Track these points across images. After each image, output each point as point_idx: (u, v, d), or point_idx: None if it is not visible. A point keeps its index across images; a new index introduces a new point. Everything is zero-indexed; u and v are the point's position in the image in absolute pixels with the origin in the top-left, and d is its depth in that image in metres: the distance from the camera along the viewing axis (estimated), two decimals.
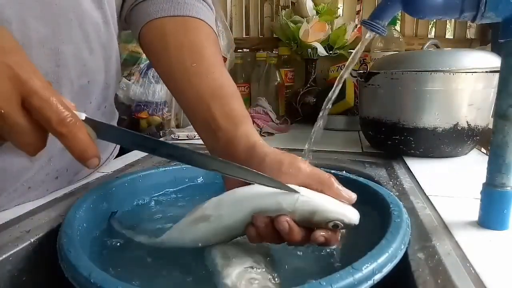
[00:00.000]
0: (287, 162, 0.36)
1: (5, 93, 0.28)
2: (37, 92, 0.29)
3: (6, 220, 0.42)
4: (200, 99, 0.44)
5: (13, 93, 0.28)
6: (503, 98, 0.37)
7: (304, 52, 1.16)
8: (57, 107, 0.29)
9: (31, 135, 0.30)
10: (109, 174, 0.60)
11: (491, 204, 0.40)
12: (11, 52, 0.29)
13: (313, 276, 0.35)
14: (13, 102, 0.28)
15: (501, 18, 0.36)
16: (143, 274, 0.37)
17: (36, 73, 0.29)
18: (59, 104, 0.30)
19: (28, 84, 0.29)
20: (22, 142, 0.30)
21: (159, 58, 0.50)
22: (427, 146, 0.68)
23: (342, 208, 0.35)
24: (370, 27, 0.38)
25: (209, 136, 0.44)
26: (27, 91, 0.29)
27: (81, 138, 0.31)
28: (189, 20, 0.50)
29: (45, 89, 0.29)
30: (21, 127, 0.29)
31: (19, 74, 0.28)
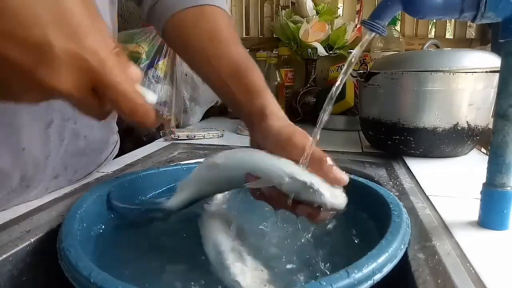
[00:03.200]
0: (284, 139, 0.39)
1: (77, 83, 0.26)
2: (111, 86, 0.27)
3: (6, 220, 0.42)
4: (221, 80, 0.49)
5: (86, 83, 0.27)
6: (503, 98, 0.37)
7: (304, 52, 1.16)
8: (130, 100, 0.28)
9: (100, 109, 0.29)
10: (109, 174, 0.60)
11: (491, 204, 0.40)
12: (86, 34, 0.26)
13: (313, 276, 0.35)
14: (83, 89, 0.27)
15: (501, 18, 0.36)
16: (143, 274, 0.37)
17: (109, 57, 0.27)
18: (132, 95, 0.28)
19: (103, 78, 0.27)
20: (91, 114, 0.29)
21: (183, 49, 0.54)
22: (427, 146, 0.68)
23: (328, 191, 0.35)
24: (370, 27, 0.38)
25: (236, 111, 0.50)
26: (102, 84, 0.27)
27: (150, 122, 0.30)
28: (205, 8, 0.53)
29: (119, 83, 0.27)
30: (90, 106, 0.28)
31: (94, 68, 0.26)
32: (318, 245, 0.41)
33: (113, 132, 0.65)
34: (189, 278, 0.36)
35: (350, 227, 0.45)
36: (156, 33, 1.06)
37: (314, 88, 1.16)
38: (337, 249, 0.40)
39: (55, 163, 0.50)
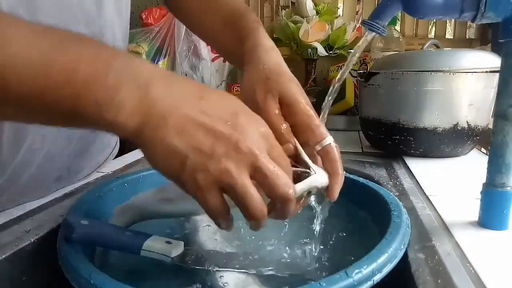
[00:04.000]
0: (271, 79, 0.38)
1: (234, 168, 0.28)
2: (262, 168, 0.29)
3: (6, 220, 0.42)
4: (217, 27, 0.49)
5: (244, 168, 0.28)
6: (503, 98, 0.37)
7: (304, 52, 1.16)
8: (283, 179, 0.29)
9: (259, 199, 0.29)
10: (109, 174, 0.60)
11: (491, 204, 0.39)
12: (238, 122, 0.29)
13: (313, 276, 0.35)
14: (244, 173, 0.29)
15: (501, 18, 0.36)
16: (143, 275, 0.37)
17: (258, 139, 0.29)
18: (282, 177, 0.29)
19: (258, 161, 0.29)
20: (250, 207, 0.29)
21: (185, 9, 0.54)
22: (427, 146, 0.68)
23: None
24: (370, 27, 0.38)
25: (233, 62, 0.50)
26: (254, 166, 0.29)
27: (291, 209, 0.31)
28: None
29: (269, 162, 0.29)
30: (252, 194, 0.29)
31: (243, 150, 0.28)
32: (318, 246, 0.41)
33: None
34: (186, 275, 0.36)
35: (349, 227, 0.45)
36: (156, 33, 1.05)
37: (314, 88, 1.16)
38: (337, 249, 0.40)
39: (60, 165, 0.50)
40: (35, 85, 0.25)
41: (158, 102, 0.27)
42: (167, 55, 1.07)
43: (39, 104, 0.26)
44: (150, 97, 0.27)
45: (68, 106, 0.26)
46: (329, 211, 0.46)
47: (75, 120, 0.28)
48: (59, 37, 0.27)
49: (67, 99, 0.26)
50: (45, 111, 0.27)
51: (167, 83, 0.28)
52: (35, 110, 0.27)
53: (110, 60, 0.27)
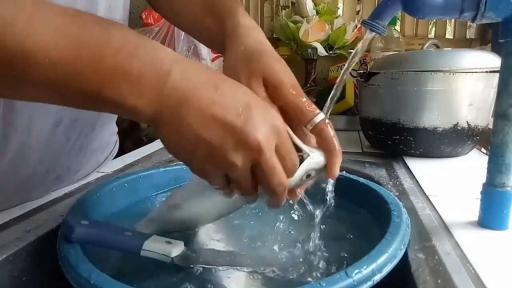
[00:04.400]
0: (254, 58, 0.37)
1: (240, 162, 0.30)
2: (262, 165, 0.30)
3: (6, 220, 0.42)
4: (197, 13, 0.47)
5: (249, 162, 0.30)
6: (503, 98, 0.37)
7: (304, 52, 1.16)
8: (278, 178, 0.31)
9: (252, 186, 0.32)
10: (109, 174, 0.60)
11: (491, 204, 0.39)
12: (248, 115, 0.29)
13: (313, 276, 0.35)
14: (248, 167, 0.30)
15: (501, 18, 0.36)
16: (143, 275, 0.37)
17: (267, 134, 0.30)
18: (280, 174, 0.31)
19: (260, 157, 0.30)
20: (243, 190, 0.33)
21: (163, 6, 0.54)
22: (427, 146, 0.68)
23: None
24: (370, 27, 0.38)
25: (216, 47, 0.47)
26: (256, 161, 0.30)
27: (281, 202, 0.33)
28: None
29: (270, 160, 0.30)
30: (247, 182, 0.31)
31: (250, 145, 0.29)
32: (317, 246, 0.41)
33: (114, 132, 0.65)
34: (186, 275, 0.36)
35: (349, 227, 0.45)
36: (156, 33, 1.05)
37: (314, 88, 1.16)
38: (336, 250, 0.40)
39: (59, 163, 0.50)
40: (62, 69, 0.26)
41: (175, 92, 0.28)
42: None
43: (64, 87, 0.27)
44: (168, 87, 0.28)
45: (92, 91, 0.27)
46: (329, 211, 0.46)
47: (96, 103, 0.28)
48: (87, 22, 0.27)
49: (92, 85, 0.27)
50: (69, 93, 0.28)
51: (185, 73, 0.29)
52: (59, 92, 0.28)
53: (135, 49, 0.28)
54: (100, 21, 0.28)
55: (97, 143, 0.58)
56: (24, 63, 0.25)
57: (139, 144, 0.84)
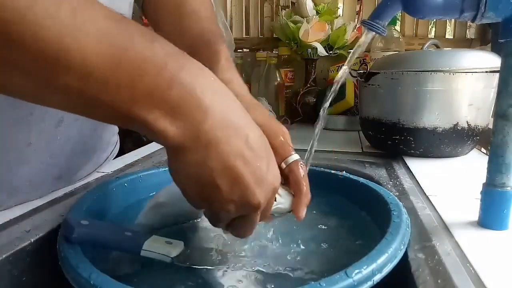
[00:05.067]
0: None
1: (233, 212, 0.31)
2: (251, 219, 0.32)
3: (6, 220, 0.42)
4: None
5: (239, 213, 0.31)
6: (503, 98, 0.37)
7: (304, 52, 1.16)
8: (252, 230, 0.34)
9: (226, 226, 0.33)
10: (109, 174, 0.60)
11: (491, 204, 0.39)
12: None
13: (313, 276, 0.35)
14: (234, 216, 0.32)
15: (501, 18, 0.36)
16: (143, 274, 0.37)
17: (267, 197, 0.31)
18: (255, 226, 0.33)
19: (251, 214, 0.31)
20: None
21: (156, 24, 0.54)
22: (427, 146, 0.68)
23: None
24: (370, 27, 0.38)
25: None
26: (246, 215, 0.32)
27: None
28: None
29: (259, 214, 0.32)
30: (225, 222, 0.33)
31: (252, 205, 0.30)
32: (317, 246, 0.41)
33: (114, 133, 0.65)
34: (185, 274, 0.36)
35: (349, 227, 0.45)
36: None
37: (314, 88, 1.16)
38: (337, 250, 0.40)
39: (60, 163, 0.50)
40: (97, 77, 0.23)
41: (210, 132, 0.27)
42: None
43: (92, 97, 0.24)
44: (206, 126, 0.27)
45: (122, 107, 0.25)
46: (329, 211, 0.46)
47: (121, 119, 0.26)
48: (132, 31, 0.25)
49: (124, 100, 0.25)
50: (96, 105, 0.25)
51: (223, 114, 0.28)
52: (85, 102, 0.25)
53: (177, 71, 0.26)
54: (144, 31, 0.26)
55: (98, 143, 0.58)
56: (57, 62, 0.22)
57: (139, 144, 0.84)
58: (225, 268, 0.36)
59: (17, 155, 0.43)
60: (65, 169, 0.51)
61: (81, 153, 0.53)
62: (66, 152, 0.50)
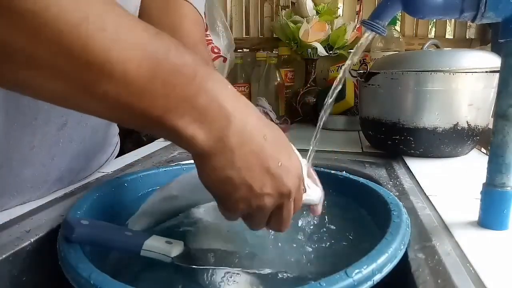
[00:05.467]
0: None
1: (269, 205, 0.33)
2: (283, 211, 0.34)
3: (6, 220, 0.42)
4: None
5: (274, 206, 0.33)
6: (503, 98, 0.37)
7: (304, 52, 1.16)
8: (289, 220, 0.35)
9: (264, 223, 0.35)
10: (109, 174, 0.60)
11: (491, 204, 0.39)
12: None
13: (313, 276, 0.35)
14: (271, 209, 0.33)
15: (501, 18, 0.36)
16: (143, 274, 0.37)
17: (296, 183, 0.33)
18: (291, 216, 0.35)
19: (285, 202, 0.33)
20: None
21: None
22: (427, 146, 0.68)
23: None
24: (370, 27, 0.38)
25: None
26: (280, 205, 0.34)
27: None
28: (171, 1, 0.52)
29: (292, 202, 0.34)
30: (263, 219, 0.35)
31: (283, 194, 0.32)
32: (318, 246, 0.41)
33: (115, 134, 0.65)
34: (183, 275, 0.36)
35: (349, 227, 0.45)
36: None
37: (314, 88, 1.16)
38: (337, 250, 0.40)
39: (61, 164, 0.50)
40: (135, 87, 0.25)
41: (233, 136, 0.29)
42: None
43: (128, 105, 0.26)
44: (232, 129, 0.29)
45: (155, 114, 0.27)
46: (329, 211, 0.46)
47: (152, 126, 0.28)
48: (168, 43, 0.27)
49: (157, 108, 0.26)
50: (130, 112, 0.27)
51: (243, 117, 0.30)
52: (120, 109, 0.26)
53: (205, 82, 0.28)
54: (176, 44, 0.28)
55: (99, 145, 0.58)
56: (101, 72, 0.24)
57: (139, 144, 0.84)
58: (225, 268, 0.36)
59: (20, 158, 0.43)
60: (66, 171, 0.52)
61: (82, 155, 0.53)
62: (68, 154, 0.50)
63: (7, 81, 0.25)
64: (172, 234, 0.38)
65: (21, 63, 0.23)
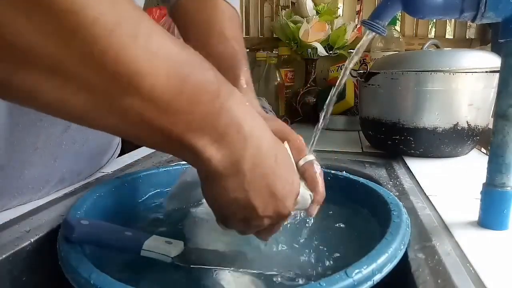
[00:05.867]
0: None
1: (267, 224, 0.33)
2: (280, 224, 0.36)
3: (6, 220, 0.42)
4: None
5: (271, 222, 0.34)
6: (503, 98, 0.37)
7: (304, 52, 1.16)
8: (273, 233, 0.36)
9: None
10: (109, 174, 0.60)
11: (491, 204, 0.39)
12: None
13: (313, 276, 0.35)
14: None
15: (501, 18, 0.36)
16: (143, 275, 0.37)
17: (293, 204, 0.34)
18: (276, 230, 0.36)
19: (281, 221, 0.35)
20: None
21: (183, 36, 0.55)
22: (427, 146, 0.68)
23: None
24: (370, 27, 0.38)
25: None
26: (276, 223, 0.35)
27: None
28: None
29: (281, 224, 0.36)
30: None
31: (281, 215, 0.33)
32: (317, 246, 0.41)
33: None
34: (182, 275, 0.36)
35: (349, 227, 0.45)
36: None
37: (314, 88, 1.16)
38: (337, 250, 0.40)
39: (63, 166, 0.50)
40: (159, 101, 0.23)
41: (249, 159, 0.29)
42: None
43: (149, 121, 0.24)
44: (248, 152, 0.29)
45: (175, 132, 0.25)
46: (329, 211, 0.46)
47: (170, 144, 0.27)
48: (194, 58, 0.26)
49: (179, 126, 0.25)
50: (149, 129, 0.25)
51: (259, 138, 0.30)
52: (140, 125, 0.24)
53: (226, 101, 0.27)
54: (202, 59, 0.26)
55: (102, 146, 0.58)
56: (129, 84, 0.22)
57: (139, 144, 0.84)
58: (225, 269, 0.36)
59: (23, 159, 0.43)
60: (68, 172, 0.52)
61: (84, 157, 0.53)
62: (70, 155, 0.50)
63: (17, 92, 0.21)
64: (172, 234, 0.38)
65: (43, 72, 0.20)
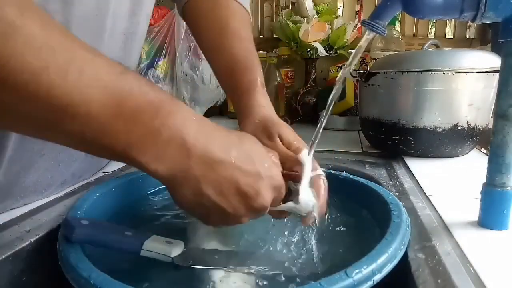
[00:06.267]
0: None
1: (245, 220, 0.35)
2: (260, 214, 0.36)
3: (6, 220, 0.42)
4: (221, 73, 0.52)
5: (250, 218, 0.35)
6: (503, 98, 0.37)
7: (304, 52, 1.16)
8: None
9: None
10: (109, 174, 0.60)
11: (491, 204, 0.39)
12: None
13: (313, 276, 0.35)
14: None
15: (501, 18, 0.36)
16: (143, 274, 0.37)
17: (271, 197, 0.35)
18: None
19: (261, 213, 0.35)
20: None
21: (194, 34, 0.57)
22: (427, 146, 0.68)
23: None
24: (370, 27, 0.38)
25: (231, 102, 0.55)
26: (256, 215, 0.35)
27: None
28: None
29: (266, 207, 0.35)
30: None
31: (256, 209, 0.34)
32: (317, 246, 0.41)
33: None
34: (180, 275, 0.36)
35: (349, 227, 0.45)
36: (156, 33, 1.06)
37: (314, 88, 1.16)
38: (337, 250, 0.40)
39: (66, 170, 0.50)
40: (98, 124, 0.27)
41: (195, 166, 0.30)
42: (167, 55, 1.07)
43: (93, 140, 0.27)
44: (193, 160, 0.30)
45: (119, 149, 0.28)
46: (329, 211, 0.46)
47: (119, 159, 0.30)
48: (131, 82, 0.28)
49: (121, 144, 0.28)
50: (96, 147, 0.28)
51: (206, 146, 0.31)
52: (87, 144, 0.28)
53: (167, 118, 0.29)
54: (141, 82, 0.29)
55: None
56: (65, 113, 0.25)
57: None
58: (225, 268, 0.36)
59: (28, 164, 0.44)
60: (69, 175, 0.52)
61: (86, 160, 0.54)
62: (73, 160, 0.50)
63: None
64: (172, 234, 0.38)
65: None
